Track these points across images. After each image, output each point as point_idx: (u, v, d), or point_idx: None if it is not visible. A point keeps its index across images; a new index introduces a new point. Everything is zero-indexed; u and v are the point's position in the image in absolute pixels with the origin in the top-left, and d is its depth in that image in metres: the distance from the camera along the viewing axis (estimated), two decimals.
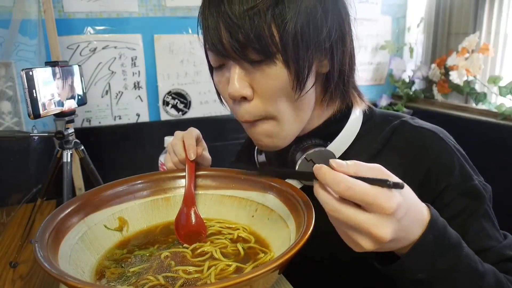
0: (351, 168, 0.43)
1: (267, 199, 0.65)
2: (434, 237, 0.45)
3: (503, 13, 1.84)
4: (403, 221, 0.42)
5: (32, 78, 1.02)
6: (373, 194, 0.40)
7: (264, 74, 0.55)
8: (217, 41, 0.54)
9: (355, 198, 0.41)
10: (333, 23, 0.56)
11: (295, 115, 0.60)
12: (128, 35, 1.80)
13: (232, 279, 0.39)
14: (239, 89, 0.56)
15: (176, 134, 0.74)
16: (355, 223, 0.42)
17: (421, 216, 0.45)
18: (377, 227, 0.41)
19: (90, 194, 0.64)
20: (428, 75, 2.14)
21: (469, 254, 0.49)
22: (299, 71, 0.55)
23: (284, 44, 0.53)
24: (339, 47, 0.58)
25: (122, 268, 0.55)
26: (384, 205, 0.40)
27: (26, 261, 1.32)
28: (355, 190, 0.40)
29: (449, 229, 0.48)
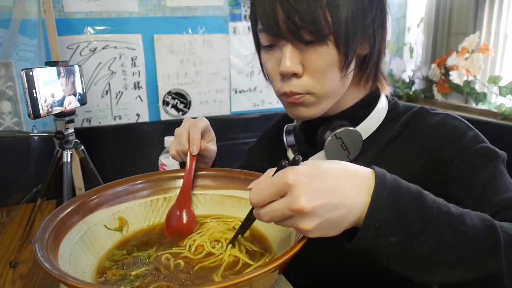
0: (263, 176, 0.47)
1: None
2: (388, 193, 0.43)
3: (503, 13, 1.84)
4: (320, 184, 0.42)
5: (32, 78, 1.02)
6: (273, 181, 0.43)
7: (316, 53, 0.60)
8: (274, 22, 0.59)
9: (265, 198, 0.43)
10: (377, 11, 0.62)
11: (335, 91, 0.65)
12: (128, 35, 1.80)
13: (232, 279, 0.39)
14: (291, 66, 0.61)
15: (184, 121, 0.75)
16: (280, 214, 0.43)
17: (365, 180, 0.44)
18: (293, 203, 0.41)
19: (90, 194, 0.64)
20: (428, 75, 2.14)
21: (436, 200, 0.45)
22: (348, 52, 0.60)
23: (336, 27, 0.58)
24: (379, 32, 0.64)
25: (123, 270, 0.55)
26: (284, 180, 0.42)
27: (26, 261, 1.32)
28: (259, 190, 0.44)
29: (402, 181, 0.45)
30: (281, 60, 0.62)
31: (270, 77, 0.68)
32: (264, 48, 0.66)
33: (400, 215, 0.42)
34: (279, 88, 0.65)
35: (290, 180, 0.41)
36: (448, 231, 0.43)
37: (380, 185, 0.43)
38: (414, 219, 0.43)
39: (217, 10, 1.92)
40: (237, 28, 1.97)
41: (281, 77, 0.64)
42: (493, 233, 0.44)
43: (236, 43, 1.98)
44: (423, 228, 0.43)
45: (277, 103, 2.15)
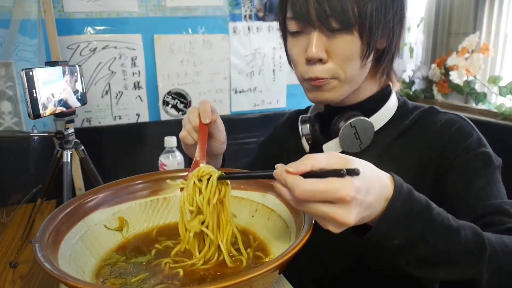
0: (307, 164, 0.45)
1: (267, 199, 0.65)
2: (401, 203, 0.47)
3: (503, 13, 1.84)
4: (366, 201, 0.45)
5: (32, 78, 1.02)
6: (328, 189, 0.43)
7: (341, 41, 0.65)
8: (305, 10, 0.64)
9: (314, 197, 0.44)
10: (397, 8, 0.68)
11: (355, 78, 0.70)
12: (128, 35, 1.80)
13: (232, 279, 0.39)
14: (317, 52, 0.65)
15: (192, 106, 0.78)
16: (318, 214, 0.44)
17: (385, 188, 0.47)
18: (340, 215, 0.43)
19: (89, 194, 0.64)
20: (428, 75, 2.14)
21: (441, 213, 0.50)
22: (370, 42, 0.65)
23: (361, 19, 0.63)
24: (398, 28, 0.69)
25: (122, 279, 0.55)
26: (342, 195, 0.42)
27: (26, 261, 1.32)
28: (310, 191, 0.43)
29: (415, 193, 0.50)
30: (307, 46, 0.66)
31: (295, 63, 0.72)
32: (292, 35, 0.70)
33: (407, 224, 0.48)
34: (304, 73, 0.69)
35: (348, 197, 0.42)
36: (445, 241, 0.49)
37: (396, 195, 0.47)
38: (418, 229, 0.48)
39: (217, 10, 1.92)
40: (237, 28, 1.97)
41: (306, 62, 0.68)
42: (481, 247, 0.50)
43: (236, 43, 1.98)
44: (424, 237, 0.48)
45: (277, 103, 2.15)
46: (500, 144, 0.67)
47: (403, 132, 0.72)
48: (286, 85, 2.13)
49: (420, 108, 0.75)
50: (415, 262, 0.51)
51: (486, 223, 0.58)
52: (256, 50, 2.01)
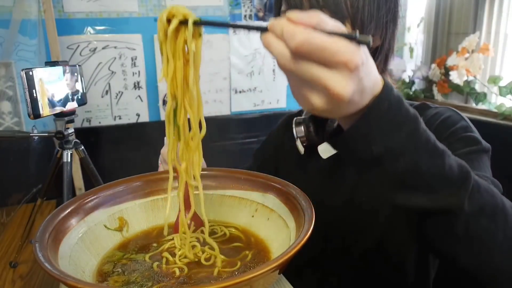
0: (313, 19, 0.37)
1: (267, 199, 0.65)
2: (388, 105, 0.42)
3: (503, 13, 1.84)
4: (363, 82, 0.39)
5: (32, 78, 1.02)
6: (334, 47, 0.36)
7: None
8: (299, 2, 0.63)
9: (313, 53, 0.36)
10: (391, 5, 0.68)
11: None
12: (128, 35, 1.80)
13: (232, 279, 0.39)
14: None
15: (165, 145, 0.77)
16: (312, 77, 0.37)
17: (376, 83, 0.42)
18: (336, 83, 0.37)
19: (90, 194, 0.64)
20: (428, 75, 2.14)
21: (427, 130, 0.45)
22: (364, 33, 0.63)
23: (354, 11, 0.63)
24: (391, 26, 0.70)
25: (125, 276, 0.55)
26: (347, 58, 0.36)
27: (26, 261, 1.32)
28: (312, 43, 0.36)
29: (405, 102, 0.44)
30: None
31: None
32: None
33: (390, 130, 0.42)
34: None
35: (352, 64, 0.36)
36: (427, 161, 0.44)
37: (384, 95, 0.42)
38: (400, 139, 0.43)
39: (217, 10, 1.92)
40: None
41: None
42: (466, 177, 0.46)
43: (236, 43, 1.98)
44: (406, 150, 0.43)
45: (277, 103, 2.15)
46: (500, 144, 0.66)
47: None
48: (286, 85, 2.13)
49: (412, 105, 0.74)
50: (392, 181, 0.45)
51: None
52: (256, 50, 2.01)
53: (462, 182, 0.45)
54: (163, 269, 0.56)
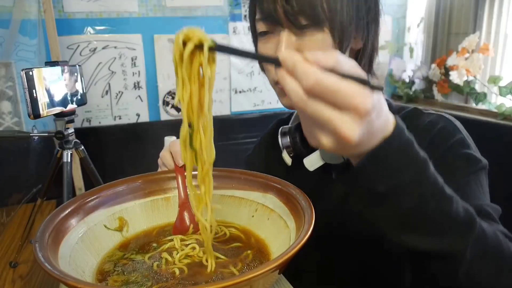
0: (329, 61, 0.37)
1: (267, 199, 0.65)
2: (398, 146, 0.42)
3: (503, 13, 1.84)
4: (373, 124, 0.39)
5: (32, 78, 1.02)
6: (347, 91, 0.36)
7: (312, 38, 0.62)
8: (272, 8, 0.61)
9: (326, 95, 0.37)
10: (371, 5, 0.65)
11: None
12: (128, 35, 1.80)
13: (232, 279, 0.39)
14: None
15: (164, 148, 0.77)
16: (323, 118, 0.38)
17: (387, 124, 0.42)
18: (346, 127, 0.37)
19: (90, 194, 0.64)
20: (428, 75, 2.14)
21: (436, 174, 0.45)
22: (342, 40, 0.62)
23: (332, 15, 0.60)
24: (372, 26, 0.67)
25: (124, 276, 0.55)
26: (358, 104, 0.36)
27: (26, 261, 1.32)
28: (325, 85, 0.36)
29: (416, 145, 0.45)
30: (277, 47, 0.63)
31: (266, 66, 0.69)
32: (261, 36, 0.67)
33: (397, 170, 0.42)
34: (274, 76, 0.66)
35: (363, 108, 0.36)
36: (433, 203, 0.44)
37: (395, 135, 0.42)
38: (407, 179, 0.43)
39: (217, 10, 1.92)
40: (237, 28, 1.97)
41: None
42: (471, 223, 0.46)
43: (236, 43, 1.98)
44: (411, 192, 0.43)
45: (277, 103, 2.15)
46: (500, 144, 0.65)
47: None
48: None
49: (402, 111, 0.72)
50: (396, 220, 0.45)
51: None
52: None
53: (468, 227, 0.46)
54: (162, 269, 0.56)
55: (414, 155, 0.44)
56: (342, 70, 0.37)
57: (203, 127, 0.50)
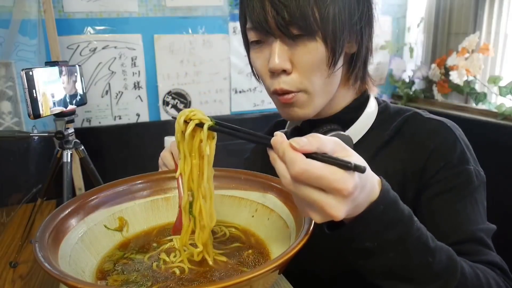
0: (313, 144, 0.42)
1: (267, 199, 0.65)
2: (383, 208, 0.46)
3: (503, 13, 1.84)
4: (358, 199, 0.43)
5: (32, 78, 1.02)
6: (329, 177, 0.40)
7: (304, 49, 0.61)
8: (263, 19, 0.60)
9: (311, 181, 0.41)
10: (364, 9, 0.64)
11: (325, 89, 0.66)
12: (128, 35, 1.80)
13: (232, 279, 0.39)
14: (280, 63, 0.61)
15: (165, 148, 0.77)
16: (310, 200, 0.42)
17: (373, 191, 0.46)
18: (332, 207, 0.41)
19: (90, 194, 0.64)
20: (428, 75, 2.14)
21: (421, 229, 0.49)
22: (335, 48, 0.61)
23: (324, 23, 0.59)
24: (366, 30, 0.66)
25: (124, 275, 0.55)
26: (341, 187, 0.40)
27: (26, 261, 1.32)
28: (310, 173, 0.40)
29: (400, 203, 0.49)
30: (270, 57, 0.62)
31: (260, 76, 0.68)
32: (253, 46, 0.66)
33: (383, 229, 0.47)
34: (269, 85, 0.66)
35: (346, 191, 0.40)
36: (417, 258, 0.48)
37: (380, 199, 0.46)
38: (392, 237, 0.47)
39: (217, 10, 1.92)
40: (237, 28, 1.97)
41: (270, 74, 0.64)
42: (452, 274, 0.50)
43: (236, 43, 1.98)
44: (397, 248, 0.47)
45: None
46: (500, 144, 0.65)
47: (386, 143, 0.69)
48: None
49: (402, 114, 0.71)
50: (380, 271, 0.50)
51: (461, 251, 0.56)
52: None
53: (449, 276, 0.50)
54: (162, 269, 0.56)
55: (399, 214, 0.48)
56: (325, 151, 0.42)
57: (203, 195, 0.55)
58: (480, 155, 0.69)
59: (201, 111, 0.52)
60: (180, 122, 0.52)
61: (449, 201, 0.62)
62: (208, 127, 0.50)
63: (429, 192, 0.64)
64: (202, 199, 0.55)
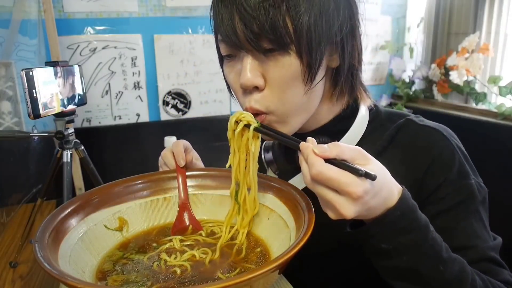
0: (333, 151, 0.47)
1: (267, 199, 0.65)
2: (400, 214, 0.49)
3: (503, 13, 1.84)
4: (369, 203, 0.47)
5: (32, 78, 1.02)
6: (341, 180, 0.45)
7: (277, 63, 0.56)
8: (231, 32, 0.55)
9: (326, 182, 0.46)
10: (344, 18, 0.58)
11: (303, 107, 0.61)
12: (128, 35, 1.80)
13: (232, 279, 0.39)
14: (251, 79, 0.57)
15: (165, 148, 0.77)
16: (325, 198, 0.47)
17: (390, 199, 0.49)
18: (342, 207, 0.46)
19: (90, 194, 0.64)
20: (428, 75, 2.14)
21: (436, 239, 0.52)
22: (311, 62, 0.56)
23: (298, 35, 0.54)
24: (349, 41, 0.60)
25: (124, 275, 0.55)
26: (351, 190, 0.45)
27: (26, 261, 1.32)
28: (325, 175, 0.46)
29: (418, 212, 0.52)
30: (241, 72, 0.58)
31: (233, 91, 0.64)
32: (225, 59, 0.62)
33: (399, 233, 0.50)
34: (242, 103, 0.62)
35: (354, 195, 0.45)
36: (429, 265, 0.51)
37: (398, 205, 0.49)
38: (407, 242, 0.50)
39: None
40: None
41: (242, 90, 0.60)
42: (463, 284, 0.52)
43: None
44: (411, 253, 0.50)
45: None
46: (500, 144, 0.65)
47: (378, 153, 0.66)
48: None
49: (395, 121, 0.68)
50: (393, 271, 0.53)
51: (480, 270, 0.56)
52: None
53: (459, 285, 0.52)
54: (162, 269, 0.56)
55: (415, 222, 0.51)
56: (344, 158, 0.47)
57: (248, 185, 0.62)
58: (480, 155, 0.68)
59: (250, 114, 0.59)
60: (232, 122, 0.59)
61: (453, 219, 0.61)
62: (254, 128, 0.58)
63: (431, 209, 0.61)
64: (246, 188, 0.62)
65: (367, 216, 0.50)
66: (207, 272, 0.55)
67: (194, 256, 0.59)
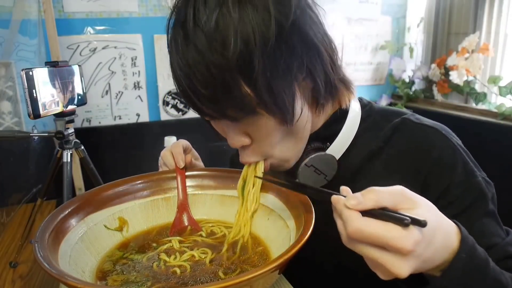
0: (370, 201, 0.40)
1: (267, 199, 0.65)
2: (466, 257, 0.44)
3: (503, 13, 1.84)
4: (424, 255, 0.40)
5: (32, 78, 1.02)
6: (386, 235, 0.38)
7: (253, 124, 0.56)
8: (196, 109, 0.55)
9: (367, 240, 0.39)
10: (302, 51, 0.53)
11: (294, 141, 0.61)
12: (128, 35, 1.80)
13: (232, 279, 0.39)
14: (236, 142, 0.59)
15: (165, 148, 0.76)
16: (370, 257, 0.40)
17: (449, 239, 0.44)
18: (393, 266, 0.39)
19: (90, 194, 0.64)
20: (428, 75, 2.14)
21: (495, 268, 0.48)
22: (284, 110, 0.54)
23: (259, 97, 0.51)
24: (316, 63, 0.56)
25: (124, 275, 0.55)
26: (399, 246, 0.38)
27: (26, 261, 1.32)
28: (364, 232, 0.39)
29: (477, 245, 0.46)
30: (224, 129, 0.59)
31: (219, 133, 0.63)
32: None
33: (467, 280, 0.45)
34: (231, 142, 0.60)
35: (405, 250, 0.38)
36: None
37: (462, 248, 0.44)
38: (475, 285, 0.45)
39: None
40: None
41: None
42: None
43: None
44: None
45: None
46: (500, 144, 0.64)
47: (375, 153, 0.64)
48: None
49: (391, 120, 0.65)
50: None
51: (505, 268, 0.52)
52: None
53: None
54: (162, 269, 0.56)
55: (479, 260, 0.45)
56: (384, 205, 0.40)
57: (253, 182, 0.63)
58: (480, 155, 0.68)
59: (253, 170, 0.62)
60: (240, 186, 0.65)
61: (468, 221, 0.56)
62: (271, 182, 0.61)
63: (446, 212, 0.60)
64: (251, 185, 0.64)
65: (424, 268, 0.42)
66: (207, 272, 0.55)
67: (193, 257, 0.59)
